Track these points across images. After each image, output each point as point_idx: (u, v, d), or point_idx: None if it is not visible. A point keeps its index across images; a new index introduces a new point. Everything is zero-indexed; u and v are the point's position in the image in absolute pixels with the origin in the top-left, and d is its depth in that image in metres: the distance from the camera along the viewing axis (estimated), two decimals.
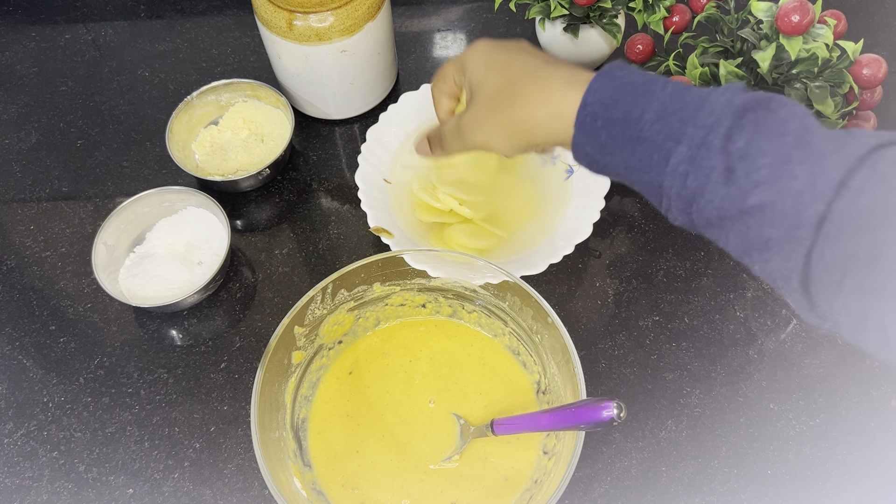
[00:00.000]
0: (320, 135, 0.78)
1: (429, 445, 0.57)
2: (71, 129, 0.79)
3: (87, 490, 0.60)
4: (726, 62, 0.61)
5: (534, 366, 0.59)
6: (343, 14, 0.68)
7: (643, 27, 0.71)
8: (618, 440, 0.61)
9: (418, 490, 0.56)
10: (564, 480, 0.47)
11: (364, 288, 0.59)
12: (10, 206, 0.75)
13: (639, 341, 0.65)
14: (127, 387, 0.64)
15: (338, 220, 0.73)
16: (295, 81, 0.75)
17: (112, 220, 0.67)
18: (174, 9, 0.88)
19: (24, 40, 0.86)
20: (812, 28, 0.59)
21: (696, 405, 0.62)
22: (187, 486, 0.60)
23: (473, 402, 0.59)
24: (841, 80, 0.60)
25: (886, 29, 0.84)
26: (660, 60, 0.70)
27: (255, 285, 0.69)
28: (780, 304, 0.67)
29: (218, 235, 0.69)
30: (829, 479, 0.59)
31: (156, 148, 0.77)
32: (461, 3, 0.88)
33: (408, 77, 0.82)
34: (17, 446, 0.62)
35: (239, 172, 0.73)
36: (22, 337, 0.67)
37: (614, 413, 0.44)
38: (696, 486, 0.59)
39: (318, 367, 0.60)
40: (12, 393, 0.64)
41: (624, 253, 0.70)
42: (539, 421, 0.51)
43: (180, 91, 0.81)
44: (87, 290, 0.69)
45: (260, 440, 0.50)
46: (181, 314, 0.67)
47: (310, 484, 0.55)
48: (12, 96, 0.82)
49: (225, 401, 0.63)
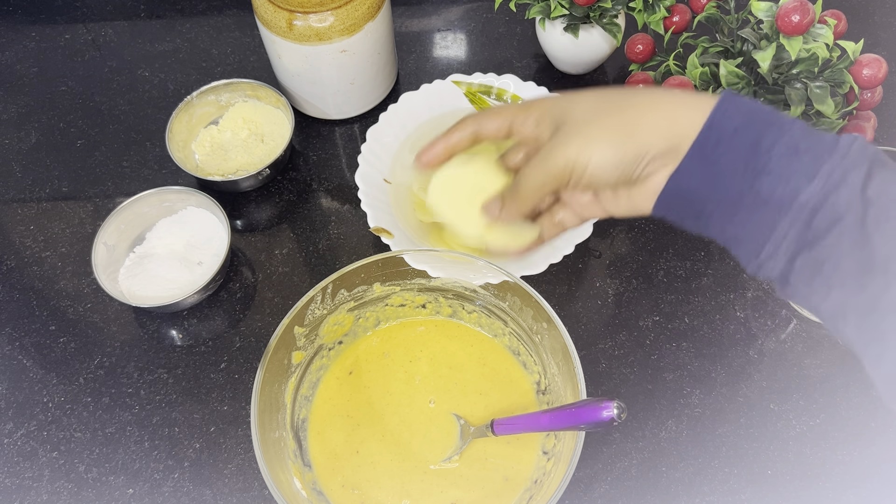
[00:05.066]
0: (320, 135, 0.78)
1: (429, 445, 0.57)
2: (71, 129, 0.79)
3: (87, 490, 0.60)
4: (726, 62, 0.61)
5: (534, 366, 0.59)
6: (343, 14, 0.68)
7: (643, 27, 0.71)
8: (618, 440, 0.61)
9: (418, 490, 0.56)
10: (564, 481, 0.47)
11: (364, 288, 0.59)
12: (10, 206, 0.75)
13: (639, 341, 0.65)
14: (127, 387, 0.64)
15: (338, 220, 0.73)
16: (295, 81, 0.75)
17: (112, 220, 0.67)
18: (174, 9, 0.88)
19: (24, 40, 0.86)
20: (812, 28, 0.59)
21: (697, 405, 0.62)
22: (187, 486, 0.60)
23: (473, 402, 0.59)
24: (841, 80, 0.60)
25: (886, 29, 0.84)
26: (660, 60, 0.70)
27: (255, 285, 0.69)
28: (780, 304, 0.66)
29: (218, 235, 0.69)
30: (829, 479, 0.59)
31: (156, 148, 0.77)
32: (461, 3, 0.88)
33: (408, 77, 0.82)
34: (17, 446, 0.62)
35: (239, 172, 0.73)
36: (22, 337, 0.67)
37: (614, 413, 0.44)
38: (696, 486, 0.59)
39: (318, 368, 0.60)
40: (12, 393, 0.64)
41: (624, 253, 0.70)
42: (539, 421, 0.51)
43: (180, 91, 0.81)
44: (87, 290, 0.69)
45: (260, 440, 0.50)
46: (181, 314, 0.67)
47: (310, 484, 0.55)
48: (12, 96, 0.82)
49: (225, 401, 0.63)
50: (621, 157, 0.39)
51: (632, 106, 0.39)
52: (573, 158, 0.40)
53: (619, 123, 0.39)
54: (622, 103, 0.40)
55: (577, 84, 0.81)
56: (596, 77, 0.81)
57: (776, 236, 0.37)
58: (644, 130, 0.39)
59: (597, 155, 0.39)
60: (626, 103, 0.40)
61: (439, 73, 0.79)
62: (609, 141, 0.39)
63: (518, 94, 0.75)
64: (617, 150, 0.39)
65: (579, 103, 0.41)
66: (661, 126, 0.38)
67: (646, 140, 0.38)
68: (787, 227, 0.36)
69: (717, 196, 0.38)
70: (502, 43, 0.85)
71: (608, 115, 0.40)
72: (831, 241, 0.35)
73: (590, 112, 0.40)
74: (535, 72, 0.82)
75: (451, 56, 0.84)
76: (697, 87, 0.64)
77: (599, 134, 0.39)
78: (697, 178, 0.38)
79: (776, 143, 0.36)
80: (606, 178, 0.40)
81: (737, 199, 0.37)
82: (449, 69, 0.82)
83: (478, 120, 0.45)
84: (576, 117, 0.40)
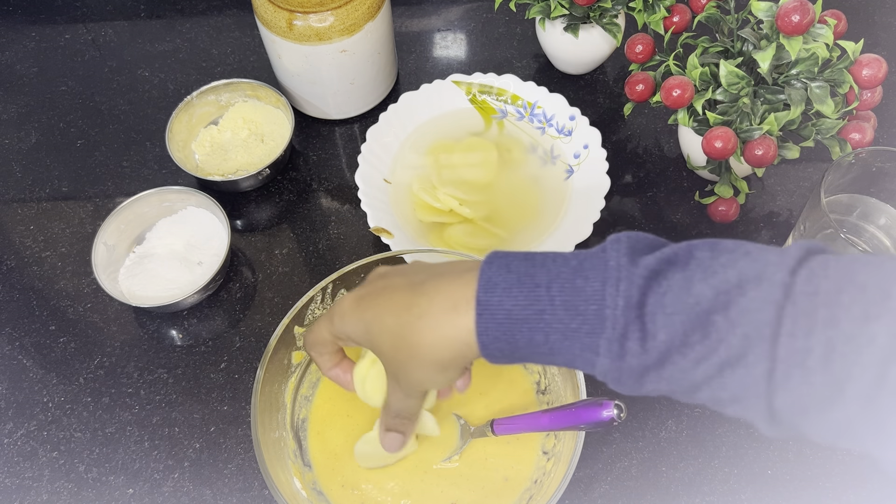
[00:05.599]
0: (320, 135, 0.78)
1: (429, 445, 0.57)
2: (71, 129, 0.79)
3: (87, 490, 0.60)
4: (726, 62, 0.62)
5: (534, 366, 0.59)
6: (343, 14, 0.68)
7: (643, 27, 0.71)
8: (618, 440, 0.61)
9: (418, 490, 0.56)
10: (564, 480, 0.47)
11: None
12: (10, 206, 0.75)
13: None
14: (127, 387, 0.64)
15: (338, 220, 0.73)
16: (295, 81, 0.75)
17: (112, 220, 0.67)
18: (174, 9, 0.88)
19: (24, 40, 0.86)
20: (812, 28, 0.59)
21: (697, 405, 0.62)
22: (187, 486, 0.60)
23: (473, 402, 0.59)
24: (841, 80, 0.60)
25: (886, 29, 0.84)
26: (660, 60, 0.70)
27: (255, 285, 0.69)
28: None
29: (218, 235, 0.69)
30: (828, 479, 0.59)
31: (156, 148, 0.77)
32: (461, 3, 0.88)
33: (408, 77, 0.82)
34: (17, 446, 0.62)
35: (239, 172, 0.73)
36: (22, 337, 0.67)
37: (614, 413, 0.44)
38: (697, 486, 0.59)
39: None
40: (12, 393, 0.64)
41: None
42: (539, 421, 0.51)
43: (180, 91, 0.81)
44: (87, 290, 0.69)
45: (260, 440, 0.50)
46: (181, 314, 0.67)
47: (310, 484, 0.55)
48: (12, 96, 0.82)
49: (225, 401, 0.63)
50: (448, 376, 0.42)
51: (417, 357, 0.41)
52: (418, 381, 0.43)
53: (409, 357, 0.41)
54: (411, 324, 0.40)
55: (576, 84, 0.81)
56: (596, 77, 0.81)
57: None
58: (430, 355, 0.40)
59: (434, 383, 0.42)
60: (413, 355, 0.41)
61: (439, 73, 0.79)
62: (430, 378, 0.42)
63: (518, 94, 0.75)
64: (441, 379, 0.42)
65: (375, 329, 0.42)
66: (442, 353, 0.40)
67: (452, 364, 0.41)
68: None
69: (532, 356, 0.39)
70: (502, 43, 0.85)
71: (398, 351, 0.41)
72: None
73: (387, 340, 0.42)
74: (535, 72, 0.82)
75: (451, 56, 0.84)
76: (697, 87, 0.64)
77: (424, 376, 0.42)
78: (502, 351, 0.39)
79: (547, 339, 0.37)
80: (450, 381, 0.43)
81: (548, 353, 0.38)
82: (449, 69, 0.82)
83: (316, 351, 0.49)
84: (378, 348, 0.43)
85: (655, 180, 0.74)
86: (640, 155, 0.76)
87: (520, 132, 0.75)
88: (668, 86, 0.64)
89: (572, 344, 0.37)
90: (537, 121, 0.75)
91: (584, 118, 0.73)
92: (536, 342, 0.37)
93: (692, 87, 0.64)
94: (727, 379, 0.34)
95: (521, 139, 0.75)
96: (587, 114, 0.74)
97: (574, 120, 0.73)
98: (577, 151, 0.72)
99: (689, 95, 0.64)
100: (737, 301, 0.33)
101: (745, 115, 0.62)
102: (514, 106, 0.76)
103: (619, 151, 0.76)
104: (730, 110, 0.63)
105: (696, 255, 0.36)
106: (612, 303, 0.35)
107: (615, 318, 0.35)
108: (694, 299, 0.34)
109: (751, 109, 0.62)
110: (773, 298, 0.32)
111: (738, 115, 0.63)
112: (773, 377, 0.33)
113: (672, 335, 0.34)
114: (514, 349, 0.38)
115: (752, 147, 0.62)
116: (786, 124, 0.62)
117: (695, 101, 0.64)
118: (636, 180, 0.74)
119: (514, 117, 0.76)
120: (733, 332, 0.33)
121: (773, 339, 0.32)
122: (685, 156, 0.72)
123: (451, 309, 0.39)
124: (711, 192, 0.71)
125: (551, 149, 0.74)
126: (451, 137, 0.75)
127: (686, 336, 0.34)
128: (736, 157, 0.63)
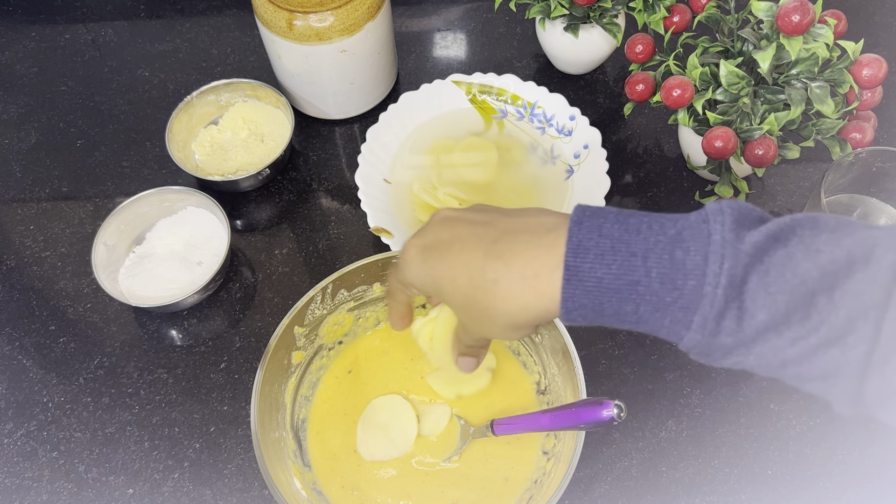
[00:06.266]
0: (320, 135, 0.78)
1: (429, 445, 0.57)
2: (71, 129, 0.79)
3: (87, 490, 0.60)
4: (726, 62, 0.62)
5: (534, 366, 0.59)
6: (343, 14, 0.68)
7: (643, 27, 0.71)
8: (618, 440, 0.61)
9: (418, 490, 0.56)
10: (564, 480, 0.47)
11: (364, 288, 0.59)
12: (10, 206, 0.75)
13: (639, 341, 0.65)
14: (127, 387, 0.64)
15: (338, 220, 0.73)
16: (295, 81, 0.75)
17: (112, 220, 0.67)
18: (174, 9, 0.88)
19: (24, 40, 0.86)
20: (812, 28, 0.59)
21: (697, 405, 0.62)
22: (187, 486, 0.60)
23: (473, 402, 0.59)
24: (841, 80, 0.60)
25: (886, 29, 0.84)
26: (660, 60, 0.70)
27: (255, 285, 0.69)
28: None
29: (218, 235, 0.69)
30: (829, 479, 0.59)
31: (156, 148, 0.77)
32: (461, 3, 0.88)
33: (408, 77, 0.82)
34: (17, 446, 0.62)
35: (239, 172, 0.73)
36: (22, 337, 0.67)
37: (614, 413, 0.44)
38: (696, 486, 0.59)
39: (318, 368, 0.60)
40: (12, 393, 0.64)
41: None
42: (539, 421, 0.51)
43: (180, 91, 0.81)
44: (86, 290, 0.69)
45: (260, 440, 0.50)
46: (181, 314, 0.67)
47: (310, 484, 0.55)
48: (12, 96, 0.82)
49: (225, 401, 0.63)
50: (514, 336, 0.42)
51: (491, 296, 0.39)
52: (489, 335, 0.44)
53: (481, 317, 0.41)
54: (485, 288, 0.39)
55: (576, 84, 0.81)
56: (596, 77, 0.81)
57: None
58: (504, 319, 0.40)
59: (498, 336, 0.43)
60: (487, 291, 0.39)
61: (439, 73, 0.79)
62: (500, 332, 0.42)
63: (518, 94, 0.75)
64: (505, 336, 0.42)
65: (446, 288, 0.41)
66: (518, 317, 0.39)
67: (514, 326, 0.40)
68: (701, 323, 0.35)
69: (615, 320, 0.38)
70: (502, 43, 0.85)
71: (470, 309, 0.41)
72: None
73: (459, 299, 0.41)
74: (535, 72, 0.82)
75: (451, 56, 0.84)
76: (697, 87, 0.64)
77: (479, 325, 0.42)
78: (586, 318, 0.38)
79: (637, 310, 0.36)
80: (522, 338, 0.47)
81: (634, 322, 0.37)
82: (449, 69, 0.82)
83: (392, 296, 0.49)
84: (449, 303, 0.42)
85: (655, 180, 0.74)
86: (640, 155, 0.76)
87: (520, 132, 0.75)
88: (668, 86, 0.64)
89: (663, 316, 0.35)
90: (537, 121, 0.75)
91: (584, 118, 0.73)
92: (624, 312, 0.36)
93: (692, 87, 0.64)
94: (820, 358, 0.33)
95: (521, 139, 0.75)
96: (587, 114, 0.74)
97: (574, 120, 0.73)
98: (577, 151, 0.72)
99: (689, 95, 0.64)
100: (843, 283, 0.32)
101: (746, 115, 0.62)
102: (514, 106, 0.76)
103: (619, 151, 0.76)
104: (730, 110, 0.63)
105: (797, 232, 0.34)
106: (714, 280, 0.34)
107: (714, 296, 0.34)
108: (799, 279, 0.33)
109: (751, 109, 0.62)
110: (882, 281, 0.32)
111: (738, 115, 0.63)
112: (870, 360, 0.32)
113: (773, 315, 0.33)
114: (599, 316, 0.37)
115: (753, 147, 0.62)
116: (786, 124, 0.62)
117: (695, 101, 0.64)
118: (636, 180, 0.74)
119: (514, 117, 0.76)
120: (836, 314, 0.32)
121: (878, 322, 0.32)
122: (685, 156, 0.72)
123: (532, 276, 0.37)
124: (711, 192, 0.71)
125: (551, 149, 0.74)
126: (451, 137, 0.75)
127: (787, 316, 0.33)
128: (736, 157, 0.63)
